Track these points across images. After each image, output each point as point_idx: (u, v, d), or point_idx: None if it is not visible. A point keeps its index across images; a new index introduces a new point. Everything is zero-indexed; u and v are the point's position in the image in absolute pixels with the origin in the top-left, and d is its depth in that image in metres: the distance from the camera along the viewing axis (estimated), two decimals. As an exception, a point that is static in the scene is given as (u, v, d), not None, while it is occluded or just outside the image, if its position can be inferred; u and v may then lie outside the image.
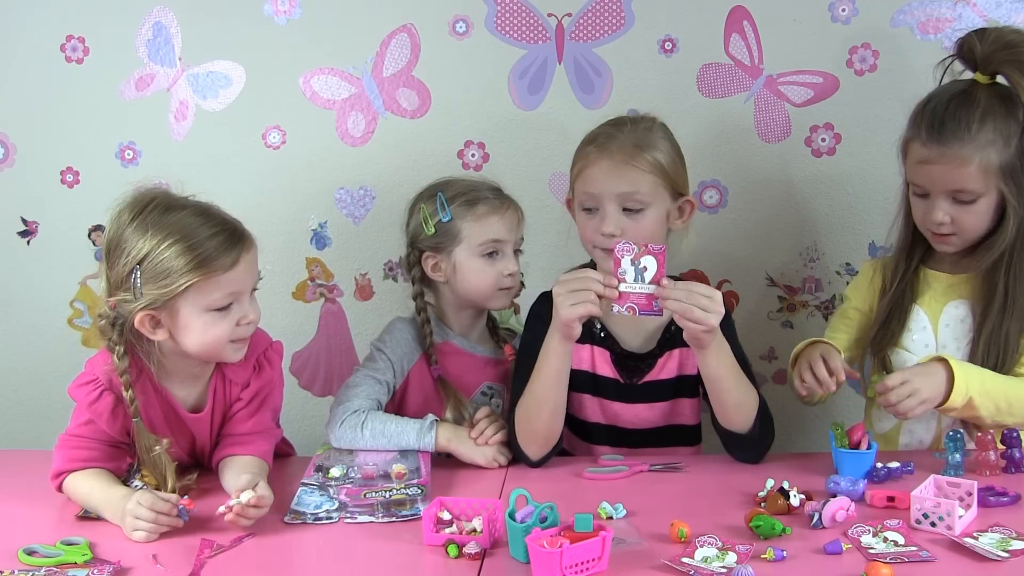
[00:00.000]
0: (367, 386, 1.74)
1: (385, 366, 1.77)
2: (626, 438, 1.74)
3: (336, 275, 2.25)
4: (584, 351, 1.71)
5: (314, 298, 2.26)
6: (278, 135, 2.19)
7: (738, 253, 2.17)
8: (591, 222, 1.66)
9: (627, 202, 1.62)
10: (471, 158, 2.17)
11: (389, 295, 2.24)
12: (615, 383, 1.73)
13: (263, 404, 1.63)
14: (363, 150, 2.18)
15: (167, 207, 1.48)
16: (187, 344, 1.50)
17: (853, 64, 2.08)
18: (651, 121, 1.69)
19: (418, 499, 1.50)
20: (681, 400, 1.74)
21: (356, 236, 2.22)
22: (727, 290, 2.20)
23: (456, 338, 1.84)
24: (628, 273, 1.45)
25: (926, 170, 1.62)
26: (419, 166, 2.12)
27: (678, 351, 1.71)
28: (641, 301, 1.45)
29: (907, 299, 1.72)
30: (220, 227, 1.48)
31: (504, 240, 1.76)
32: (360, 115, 2.17)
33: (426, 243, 1.78)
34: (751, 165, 2.13)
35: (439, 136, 2.15)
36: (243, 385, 1.61)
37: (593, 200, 1.64)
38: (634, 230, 1.61)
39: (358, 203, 2.21)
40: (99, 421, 1.51)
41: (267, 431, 1.64)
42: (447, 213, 1.73)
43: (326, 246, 2.23)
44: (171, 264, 1.43)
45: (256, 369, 1.61)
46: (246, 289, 1.52)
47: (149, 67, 2.17)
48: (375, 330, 2.00)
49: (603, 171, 1.62)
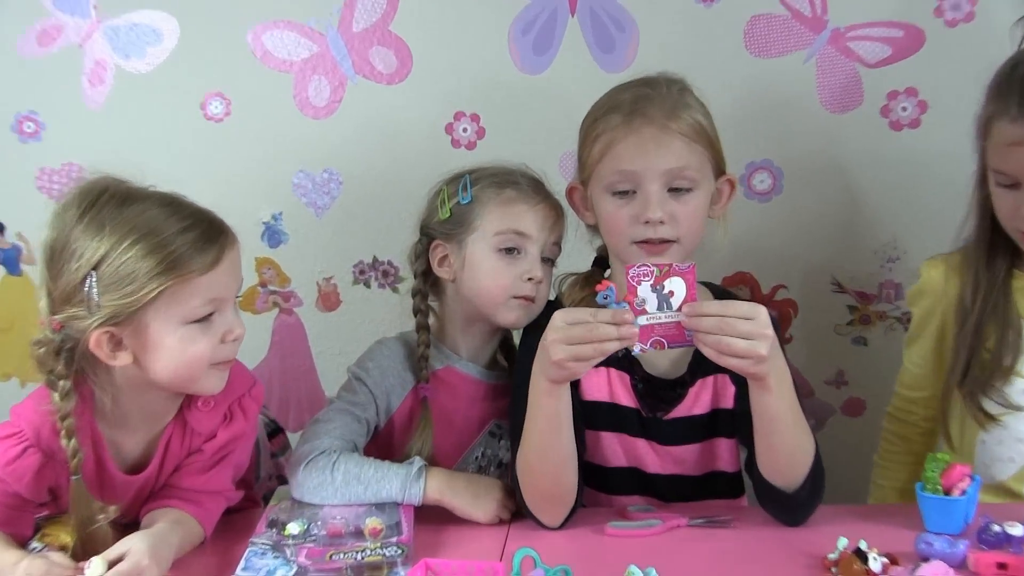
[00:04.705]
0: (341, 423, 1.73)
1: (366, 400, 1.77)
2: (652, 486, 1.74)
3: (293, 280, 2.27)
4: (600, 376, 1.71)
5: (265, 308, 2.28)
6: (220, 104, 2.21)
7: (796, 251, 2.17)
8: (624, 210, 1.65)
9: (675, 180, 1.63)
10: (462, 134, 2.19)
11: (360, 305, 2.24)
12: (636, 415, 1.72)
13: (224, 459, 1.64)
14: (328, 123, 2.19)
15: (124, 198, 1.49)
16: (157, 369, 1.50)
17: (943, 12, 2.08)
18: (680, 80, 1.71)
19: (398, 561, 1.50)
20: (718, 441, 1.73)
21: (319, 231, 2.24)
22: (782, 298, 2.20)
23: (460, 363, 1.84)
24: (649, 302, 1.43)
25: (1017, 155, 1.60)
26: (397, 143, 2.14)
27: (712, 378, 1.70)
28: (670, 332, 1.43)
29: (1010, 312, 1.71)
30: (194, 219, 1.49)
31: (529, 236, 1.75)
32: (324, 80, 2.19)
33: (438, 229, 1.80)
34: (812, 141, 2.14)
35: (422, 107, 2.16)
36: (208, 436, 1.62)
37: (629, 180, 1.64)
38: (683, 216, 1.63)
39: (321, 189, 2.23)
40: (15, 484, 1.52)
41: (220, 493, 1.64)
42: (468, 194, 1.75)
43: (281, 243, 2.26)
44: (136, 266, 1.44)
45: (228, 418, 1.63)
46: (229, 295, 1.53)
47: (55, 17, 2.16)
48: (342, 348, 2.07)
49: (643, 142, 1.62)
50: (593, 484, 1.73)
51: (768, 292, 2.20)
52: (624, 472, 1.74)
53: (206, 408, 1.60)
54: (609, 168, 1.66)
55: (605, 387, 1.72)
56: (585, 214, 1.77)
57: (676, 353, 1.69)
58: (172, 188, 1.59)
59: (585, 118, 1.72)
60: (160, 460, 1.60)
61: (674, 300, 1.42)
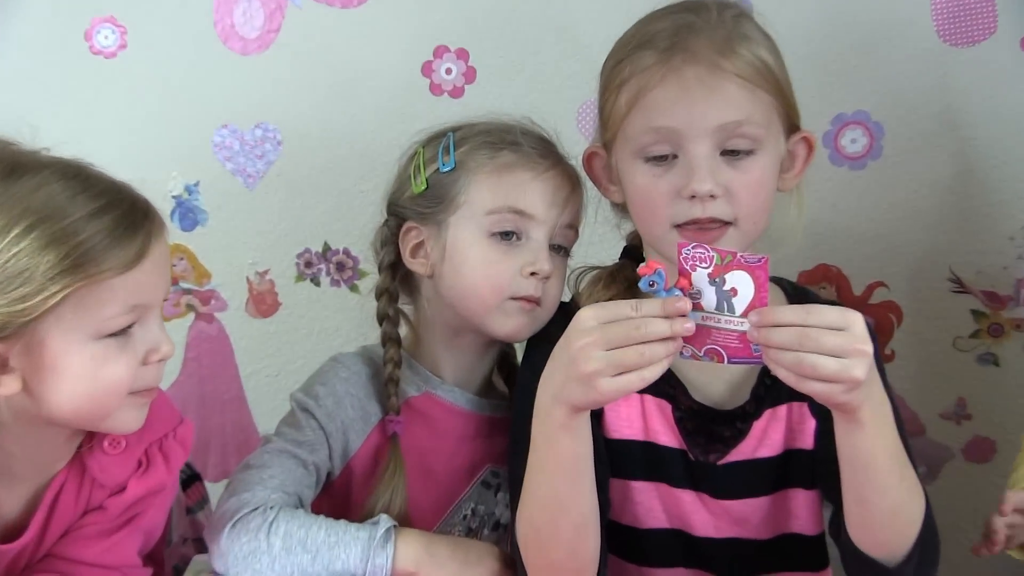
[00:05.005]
0: (281, 469, 1.61)
1: (315, 438, 1.64)
2: (702, 555, 1.61)
3: (215, 274, 2.11)
4: (631, 406, 1.59)
5: (176, 313, 2.12)
6: (113, 34, 2.07)
7: (900, 237, 2.00)
8: (662, 181, 1.52)
9: (731, 139, 1.50)
10: (444, 76, 2.04)
11: (306, 309, 2.10)
12: (681, 458, 1.59)
13: (132, 522, 1.50)
14: (261, 61, 2.05)
15: (12, 168, 1.38)
16: (55, 399, 1.38)
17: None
18: (736, 4, 1.60)
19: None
20: (792, 493, 1.60)
21: (249, 208, 2.09)
22: (881, 300, 2.01)
23: (443, 388, 1.71)
24: (706, 295, 1.30)
25: None
26: (356, 90, 2.02)
27: (786, 408, 1.57)
28: (731, 342, 1.31)
29: None
30: (109, 199, 1.38)
31: (532, 215, 1.63)
32: (255, 1, 2.05)
33: (411, 207, 1.69)
34: (923, 87, 1.96)
35: (390, 40, 2.04)
36: (114, 489, 1.49)
37: (667, 141, 1.51)
38: (742, 188, 1.50)
39: (252, 152, 2.08)
40: None
41: (122, 569, 1.51)
42: (450, 160, 1.64)
43: (197, 225, 2.10)
44: (30, 263, 1.32)
45: (143, 466, 1.50)
46: (155, 301, 1.43)
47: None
48: (281, 367, 2.00)
49: (686, 88, 1.49)
50: (621, 552, 1.65)
51: (862, 293, 2.00)
52: (664, 535, 1.62)
53: (114, 451, 1.47)
54: (641, 125, 1.53)
55: (638, 420, 1.60)
56: (609, 189, 1.64)
57: (735, 374, 1.59)
58: (51, 150, 1.45)
59: (608, 58, 1.59)
60: (43, 521, 1.48)
61: (737, 301, 1.30)
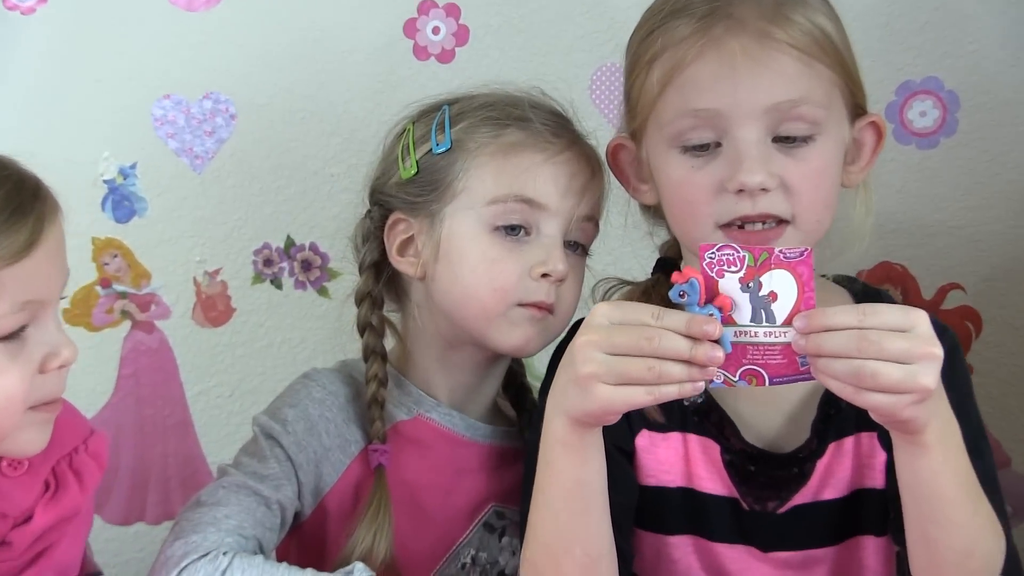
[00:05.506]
0: (239, 508, 1.51)
1: (281, 471, 1.55)
2: None
3: (156, 274, 1.99)
4: (670, 447, 1.50)
5: (108, 321, 2.00)
6: None
7: (979, 229, 1.92)
8: (703, 174, 1.43)
9: (785, 122, 1.41)
10: (431, 37, 1.95)
11: (266, 316, 1.99)
12: (730, 508, 1.49)
13: (42, 557, 1.41)
14: (211, 19, 1.94)
15: None
16: None
17: None
18: None
19: None
20: (864, 540, 1.49)
21: (197, 196, 1.99)
22: (956, 305, 1.93)
23: (438, 410, 1.62)
24: (741, 307, 1.22)
25: None
26: (327, 54, 1.92)
27: (853, 440, 1.48)
28: (773, 359, 1.23)
29: None
30: None
31: (544, 205, 1.54)
32: None
33: (397, 194, 1.61)
34: (1006, 50, 1.87)
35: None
36: (18, 519, 1.40)
37: (709, 125, 1.42)
38: (800, 180, 1.40)
39: (200, 127, 1.98)
40: None
41: None
42: (445, 139, 1.57)
43: (135, 215, 1.99)
44: None
45: (51, 488, 1.43)
46: (51, 297, 1.37)
47: None
48: (236, 386, 1.92)
49: (731, 62, 1.40)
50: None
51: (933, 297, 1.90)
52: (705, 598, 1.63)
53: (15, 473, 1.39)
54: (676, 107, 1.44)
55: (679, 463, 1.51)
56: (639, 189, 1.54)
57: (793, 404, 1.49)
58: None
59: (635, 30, 1.49)
60: None
61: (777, 307, 1.23)
